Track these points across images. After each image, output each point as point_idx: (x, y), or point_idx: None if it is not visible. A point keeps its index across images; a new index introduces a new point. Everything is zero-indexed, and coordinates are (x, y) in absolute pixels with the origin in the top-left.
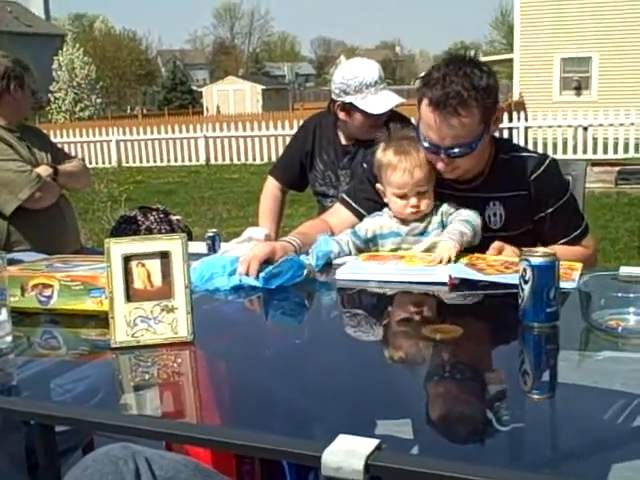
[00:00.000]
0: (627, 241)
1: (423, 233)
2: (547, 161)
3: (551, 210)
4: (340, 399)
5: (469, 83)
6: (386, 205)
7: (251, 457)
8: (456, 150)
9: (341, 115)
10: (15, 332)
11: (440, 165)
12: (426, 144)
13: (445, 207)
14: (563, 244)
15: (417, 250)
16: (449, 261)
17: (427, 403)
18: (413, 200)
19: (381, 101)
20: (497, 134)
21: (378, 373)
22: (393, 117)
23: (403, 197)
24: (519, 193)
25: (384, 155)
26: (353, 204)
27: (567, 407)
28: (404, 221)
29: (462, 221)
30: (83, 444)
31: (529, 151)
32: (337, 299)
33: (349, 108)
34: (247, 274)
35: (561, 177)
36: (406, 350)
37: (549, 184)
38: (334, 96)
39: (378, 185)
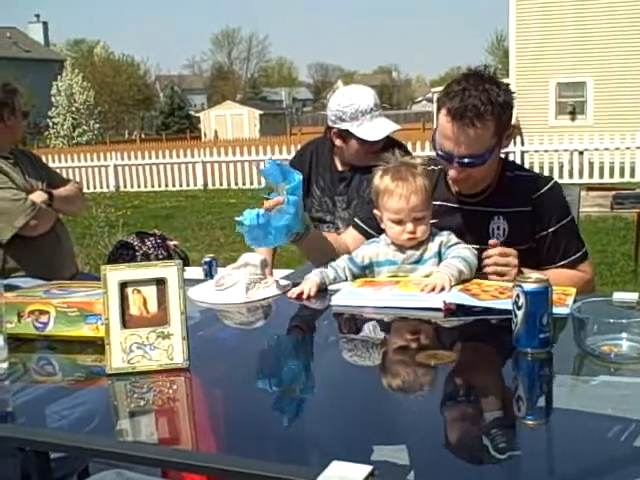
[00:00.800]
0: (623, 265)
1: (419, 261)
2: (551, 182)
3: (552, 229)
4: (336, 425)
5: (486, 98)
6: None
7: None
8: (468, 160)
9: (337, 142)
10: (11, 358)
11: (452, 172)
12: (440, 152)
13: (444, 237)
14: (562, 266)
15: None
16: (442, 290)
17: (422, 429)
18: (409, 226)
19: (376, 128)
20: (502, 155)
21: (373, 399)
22: (389, 143)
23: (399, 223)
24: (522, 209)
25: (381, 181)
26: (362, 225)
27: (563, 433)
28: (400, 249)
29: (461, 259)
30: (78, 470)
31: (534, 172)
32: (333, 325)
33: (345, 135)
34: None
35: (564, 200)
36: (401, 376)
37: (552, 204)
38: (330, 123)
39: (375, 211)
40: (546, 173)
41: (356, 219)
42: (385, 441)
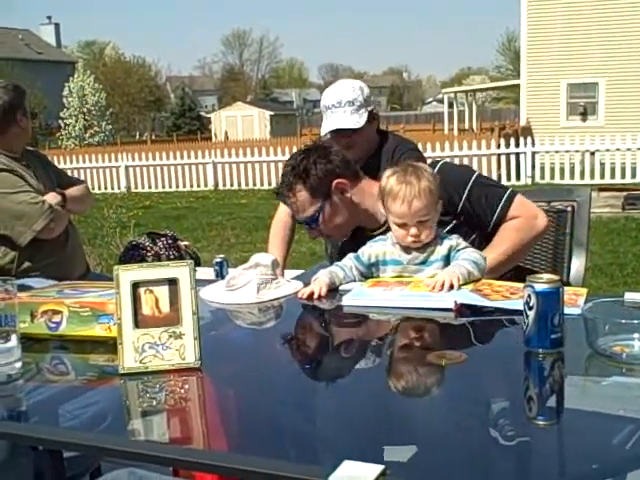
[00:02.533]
0: (635, 265)
1: (424, 262)
2: (438, 164)
3: (465, 197)
4: (347, 425)
5: (292, 170)
6: None
7: None
8: (304, 224)
9: None
10: (24, 358)
11: (311, 234)
12: None
13: (454, 241)
14: (499, 221)
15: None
16: (451, 288)
17: (433, 429)
18: (413, 230)
19: (325, 125)
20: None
21: (384, 399)
22: (393, 142)
23: (403, 226)
24: None
25: (387, 182)
26: None
27: (574, 433)
28: (406, 249)
29: (470, 261)
30: (91, 470)
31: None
32: (343, 325)
33: None
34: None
35: (457, 170)
36: (411, 376)
37: (447, 180)
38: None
39: (382, 210)
40: (557, 174)
41: None
42: (396, 441)
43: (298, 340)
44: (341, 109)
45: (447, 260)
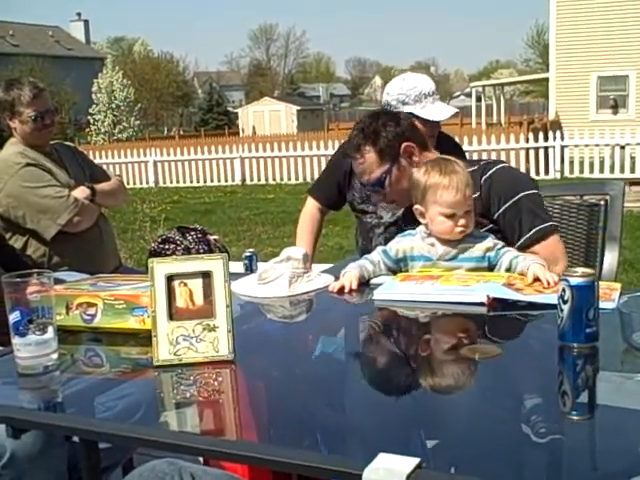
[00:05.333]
0: None
1: (455, 258)
2: (497, 165)
3: (503, 209)
4: (380, 418)
5: (361, 132)
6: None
7: (288, 474)
8: (369, 186)
9: None
10: (60, 350)
11: (374, 198)
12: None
13: (490, 243)
14: (522, 246)
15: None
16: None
17: (466, 422)
18: (462, 220)
19: (440, 109)
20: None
21: (418, 392)
22: (442, 136)
23: (451, 217)
24: (474, 196)
25: (429, 176)
26: None
27: (608, 429)
28: (434, 245)
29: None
30: (123, 462)
31: (485, 160)
32: (375, 319)
33: None
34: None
35: (512, 180)
36: (445, 370)
37: (496, 185)
38: (389, 109)
39: (417, 206)
40: (587, 168)
41: None
42: (431, 435)
43: (329, 334)
44: (438, 96)
45: (481, 262)
